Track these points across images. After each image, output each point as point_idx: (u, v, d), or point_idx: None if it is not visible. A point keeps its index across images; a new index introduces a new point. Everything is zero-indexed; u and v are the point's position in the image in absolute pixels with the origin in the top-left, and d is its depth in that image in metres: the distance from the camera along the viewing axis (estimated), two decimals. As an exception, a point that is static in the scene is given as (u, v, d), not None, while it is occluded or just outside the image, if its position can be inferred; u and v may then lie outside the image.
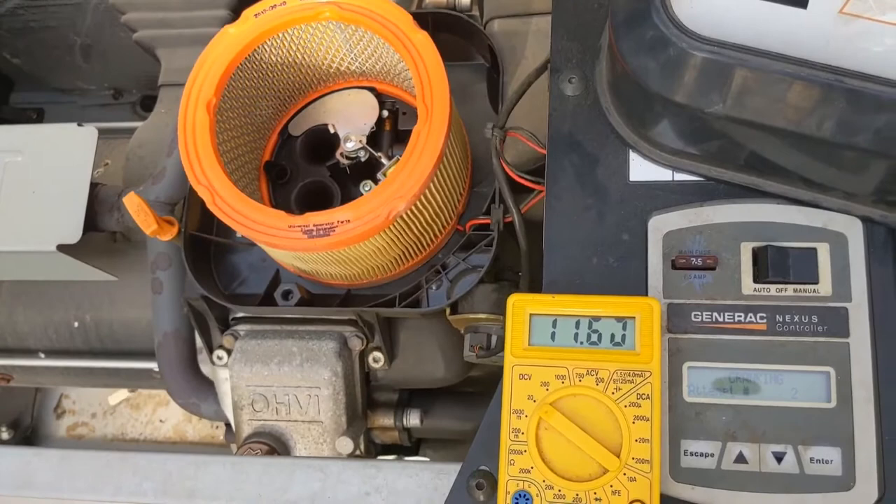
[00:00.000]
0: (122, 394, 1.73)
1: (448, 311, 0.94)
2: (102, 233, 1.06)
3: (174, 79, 1.18)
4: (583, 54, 0.83)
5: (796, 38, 0.64)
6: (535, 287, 0.80)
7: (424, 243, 0.94)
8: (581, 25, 0.84)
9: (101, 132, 1.05)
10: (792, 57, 0.63)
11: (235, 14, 1.17)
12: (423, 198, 0.85)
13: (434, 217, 0.91)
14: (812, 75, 0.63)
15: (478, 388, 1.13)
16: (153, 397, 1.72)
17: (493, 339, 0.92)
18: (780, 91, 0.64)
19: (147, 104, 1.59)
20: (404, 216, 0.85)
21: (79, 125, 1.05)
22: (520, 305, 0.73)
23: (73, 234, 0.99)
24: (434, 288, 0.96)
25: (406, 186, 0.83)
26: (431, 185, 0.85)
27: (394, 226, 0.85)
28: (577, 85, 0.82)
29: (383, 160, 0.98)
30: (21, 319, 1.21)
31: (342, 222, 0.83)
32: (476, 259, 0.95)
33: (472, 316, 0.92)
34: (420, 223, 0.89)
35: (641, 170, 0.78)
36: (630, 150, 0.78)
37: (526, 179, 0.87)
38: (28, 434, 1.71)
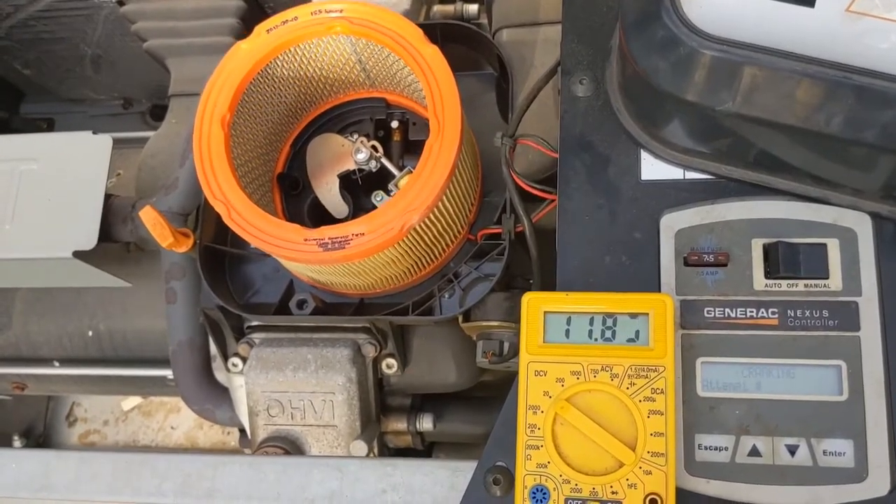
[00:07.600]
0: (134, 399, 1.74)
1: (461, 318, 0.94)
2: (116, 243, 1.07)
3: (184, 88, 1.19)
4: (593, 56, 0.84)
5: (804, 36, 0.65)
6: (547, 294, 0.81)
7: (436, 253, 0.95)
8: (591, 28, 0.85)
9: (112, 142, 1.05)
10: (800, 55, 0.64)
11: (245, 23, 1.18)
12: (435, 209, 0.86)
13: (446, 227, 0.92)
14: (820, 72, 0.64)
15: (490, 392, 1.14)
16: (165, 404, 1.73)
17: (506, 345, 0.93)
18: (788, 88, 0.65)
19: (157, 113, 1.60)
20: (417, 227, 0.86)
21: (93, 133, 1.06)
22: (534, 303, 0.74)
23: (89, 240, 1.00)
24: (446, 296, 0.97)
25: (419, 199, 0.84)
26: (444, 196, 0.86)
27: (407, 237, 0.86)
28: (588, 86, 0.83)
29: (394, 171, 0.99)
30: (35, 329, 1.22)
31: (357, 235, 0.84)
32: (488, 268, 0.96)
33: (484, 323, 0.93)
34: (432, 233, 0.90)
35: (653, 169, 0.79)
36: (641, 150, 0.79)
37: (536, 189, 0.87)
38: (40, 442, 1.72)
